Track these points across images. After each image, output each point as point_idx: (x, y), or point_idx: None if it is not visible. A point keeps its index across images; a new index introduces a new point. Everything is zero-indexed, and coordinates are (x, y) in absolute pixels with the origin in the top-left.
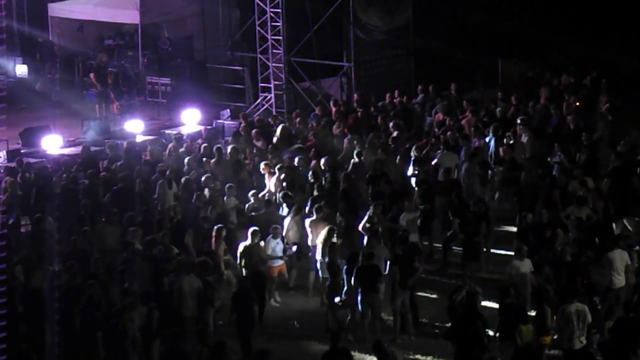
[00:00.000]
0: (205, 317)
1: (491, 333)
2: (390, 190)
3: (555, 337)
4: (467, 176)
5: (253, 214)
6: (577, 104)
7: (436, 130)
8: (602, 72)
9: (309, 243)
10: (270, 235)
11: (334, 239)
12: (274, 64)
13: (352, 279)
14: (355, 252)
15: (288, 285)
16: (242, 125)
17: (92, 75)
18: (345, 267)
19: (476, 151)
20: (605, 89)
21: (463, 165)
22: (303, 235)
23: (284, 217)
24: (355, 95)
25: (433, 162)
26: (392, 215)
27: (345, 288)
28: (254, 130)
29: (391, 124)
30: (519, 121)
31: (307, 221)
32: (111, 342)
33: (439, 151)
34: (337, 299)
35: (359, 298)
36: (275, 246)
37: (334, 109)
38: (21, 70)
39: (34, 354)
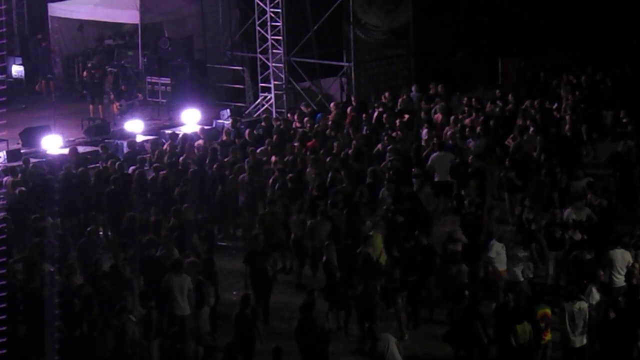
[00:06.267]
0: (200, 317)
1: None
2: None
3: None
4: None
5: None
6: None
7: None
8: (605, 72)
9: (308, 242)
10: None
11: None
12: (274, 64)
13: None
14: (355, 254)
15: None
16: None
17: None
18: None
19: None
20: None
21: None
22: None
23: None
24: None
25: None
26: None
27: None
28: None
29: (398, 123)
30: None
31: (309, 221)
32: (111, 342)
33: (434, 153)
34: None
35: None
36: None
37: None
38: (17, 70)
39: (34, 353)
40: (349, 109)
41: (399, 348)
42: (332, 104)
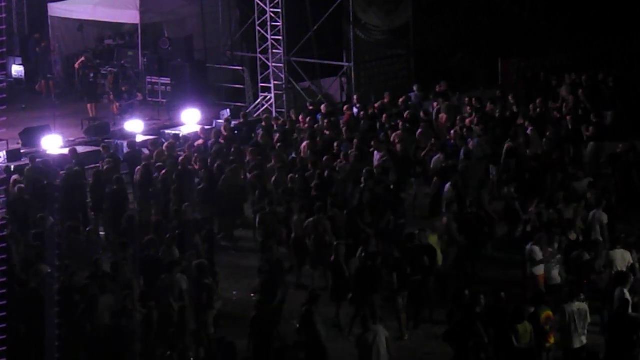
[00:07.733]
0: (204, 320)
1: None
2: None
3: None
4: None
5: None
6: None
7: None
8: (607, 73)
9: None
10: None
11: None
12: (274, 64)
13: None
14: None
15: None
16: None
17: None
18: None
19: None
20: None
21: (461, 164)
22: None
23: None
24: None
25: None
26: None
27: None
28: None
29: (400, 124)
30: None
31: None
32: (111, 342)
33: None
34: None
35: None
36: None
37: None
38: (17, 70)
39: (34, 354)
40: (344, 108)
41: (389, 343)
42: (322, 106)
